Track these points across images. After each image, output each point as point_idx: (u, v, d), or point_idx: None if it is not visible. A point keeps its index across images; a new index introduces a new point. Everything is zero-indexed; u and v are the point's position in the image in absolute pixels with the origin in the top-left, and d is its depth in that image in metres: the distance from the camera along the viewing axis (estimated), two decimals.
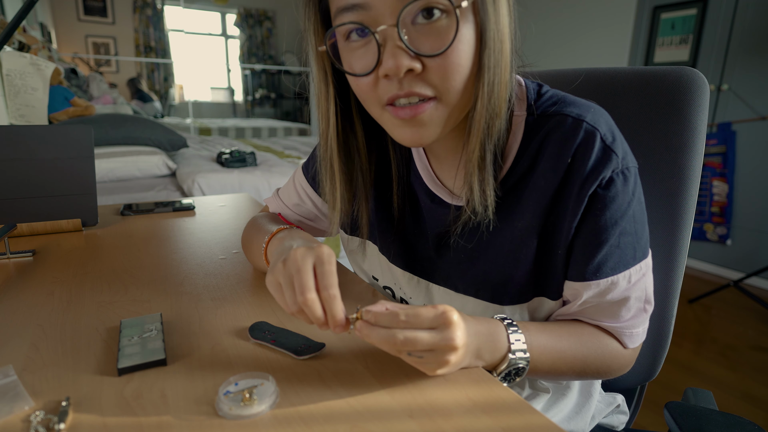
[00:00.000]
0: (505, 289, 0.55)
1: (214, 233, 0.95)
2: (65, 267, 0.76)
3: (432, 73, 0.46)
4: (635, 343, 0.56)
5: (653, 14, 2.96)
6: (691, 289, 2.58)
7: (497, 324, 0.49)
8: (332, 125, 0.55)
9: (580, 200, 0.49)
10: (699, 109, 0.64)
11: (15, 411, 0.40)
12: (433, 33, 0.44)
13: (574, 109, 0.51)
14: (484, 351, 0.47)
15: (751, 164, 2.63)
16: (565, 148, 0.50)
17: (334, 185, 0.58)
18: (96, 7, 6.00)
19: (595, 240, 0.50)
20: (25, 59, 1.44)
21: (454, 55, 0.45)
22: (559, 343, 0.52)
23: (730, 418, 0.50)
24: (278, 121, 6.56)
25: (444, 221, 0.58)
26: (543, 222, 0.52)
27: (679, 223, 0.67)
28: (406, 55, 0.44)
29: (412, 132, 0.49)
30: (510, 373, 0.50)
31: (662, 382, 1.74)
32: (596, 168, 0.49)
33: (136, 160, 2.18)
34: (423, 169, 0.62)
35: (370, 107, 0.51)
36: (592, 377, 0.57)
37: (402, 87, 0.46)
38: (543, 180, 0.51)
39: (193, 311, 0.61)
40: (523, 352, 0.49)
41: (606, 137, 0.49)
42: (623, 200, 0.50)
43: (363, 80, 0.48)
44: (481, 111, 0.48)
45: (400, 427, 0.40)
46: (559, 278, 0.54)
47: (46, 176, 0.92)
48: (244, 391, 0.42)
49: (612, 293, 0.52)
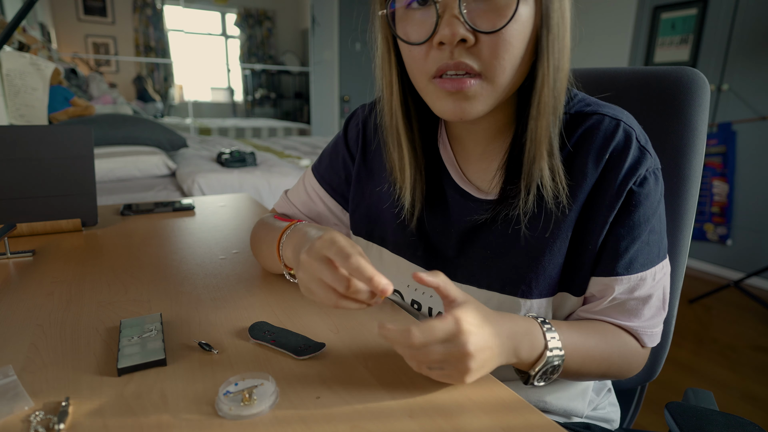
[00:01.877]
0: (536, 282, 0.55)
1: (214, 233, 0.95)
2: (65, 267, 0.76)
3: (483, 48, 0.47)
4: (654, 342, 0.57)
5: (653, 14, 2.96)
6: (691, 289, 2.59)
7: (532, 322, 0.50)
8: (395, 92, 0.57)
9: (618, 196, 0.51)
10: (699, 109, 0.64)
11: (15, 411, 0.40)
12: (492, 10, 0.46)
13: (609, 111, 0.54)
14: (521, 349, 0.48)
15: (751, 164, 2.63)
16: (605, 145, 0.52)
17: (401, 154, 0.59)
18: (96, 7, 6.00)
19: (629, 236, 0.52)
20: (25, 59, 1.44)
21: (508, 35, 0.46)
22: (587, 342, 0.53)
23: (730, 419, 0.50)
24: (278, 121, 6.56)
25: (474, 217, 0.58)
26: (578, 216, 0.54)
27: (679, 223, 0.67)
28: (462, 26, 0.46)
29: (455, 105, 0.50)
30: (546, 372, 0.50)
31: (662, 382, 1.74)
32: (634, 166, 0.51)
33: (136, 160, 2.18)
34: (450, 163, 0.62)
35: (417, 78, 0.52)
36: (613, 377, 0.57)
37: (453, 56, 0.47)
38: (581, 175, 0.53)
39: (193, 311, 0.61)
40: (559, 350, 0.49)
41: (640, 138, 0.53)
42: (654, 198, 0.52)
43: (416, 49, 0.50)
44: (547, 94, 0.50)
45: (400, 427, 0.40)
46: (585, 274, 0.55)
47: (46, 176, 0.92)
48: (244, 391, 0.42)
49: (639, 290, 0.54)
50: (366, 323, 0.58)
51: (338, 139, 0.73)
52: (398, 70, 0.56)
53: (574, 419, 0.64)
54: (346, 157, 0.71)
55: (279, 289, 0.67)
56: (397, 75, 0.56)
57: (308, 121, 6.48)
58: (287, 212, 0.78)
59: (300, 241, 0.52)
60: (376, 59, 0.57)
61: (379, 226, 0.67)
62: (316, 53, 5.03)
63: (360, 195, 0.69)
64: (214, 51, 7.15)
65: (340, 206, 0.73)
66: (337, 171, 0.72)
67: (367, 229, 0.69)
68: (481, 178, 0.60)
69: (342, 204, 0.73)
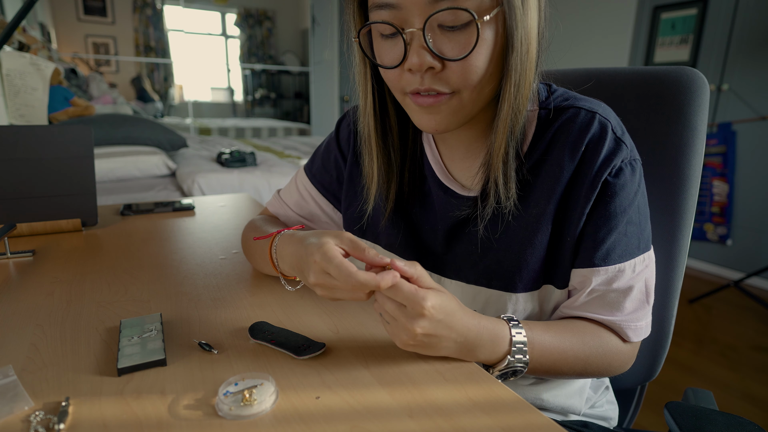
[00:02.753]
0: (519, 276, 0.56)
1: (214, 233, 0.95)
2: (65, 267, 0.76)
3: (451, 73, 0.49)
4: (639, 336, 0.57)
5: (653, 14, 2.96)
6: (691, 289, 2.58)
7: (503, 326, 0.51)
8: (369, 103, 0.59)
9: (593, 187, 0.52)
10: (699, 109, 0.64)
11: (15, 411, 0.40)
12: (455, 38, 0.48)
13: (586, 104, 0.55)
14: (479, 352, 0.49)
15: (751, 164, 2.63)
16: (580, 137, 0.53)
17: (371, 159, 0.62)
18: (96, 7, 6.00)
19: (605, 226, 0.53)
20: (24, 59, 1.44)
21: (474, 59, 0.48)
22: (562, 344, 0.53)
23: (730, 418, 0.50)
24: (278, 121, 6.56)
25: (456, 213, 0.60)
26: (556, 208, 0.55)
27: (679, 223, 0.67)
28: (429, 55, 0.48)
29: (430, 118, 0.53)
30: (507, 373, 0.51)
31: (662, 382, 1.74)
32: (608, 157, 0.52)
33: (136, 160, 2.18)
34: (435, 162, 0.63)
35: (396, 93, 0.55)
36: (593, 376, 0.57)
37: (423, 82, 0.50)
38: (558, 168, 0.54)
39: (193, 311, 0.61)
40: (523, 355, 0.50)
41: (616, 130, 0.54)
42: (630, 190, 0.53)
43: (390, 71, 0.52)
44: (507, 111, 0.51)
45: (400, 427, 0.40)
46: (566, 266, 0.56)
47: (46, 176, 0.92)
48: (244, 391, 0.42)
49: (618, 281, 0.54)
50: (366, 323, 0.58)
51: (330, 140, 0.74)
52: (373, 82, 0.58)
53: (571, 417, 0.64)
54: (337, 157, 0.72)
55: (279, 289, 0.67)
56: (372, 86, 0.58)
57: (308, 121, 6.49)
58: (279, 212, 0.79)
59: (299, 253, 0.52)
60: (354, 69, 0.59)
61: (372, 224, 0.68)
62: (316, 53, 5.02)
63: (353, 194, 0.70)
64: (214, 51, 7.15)
65: (332, 205, 0.75)
66: (329, 171, 0.74)
67: (360, 228, 0.70)
68: (465, 176, 0.61)
69: (334, 203, 0.75)
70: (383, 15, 0.49)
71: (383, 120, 0.61)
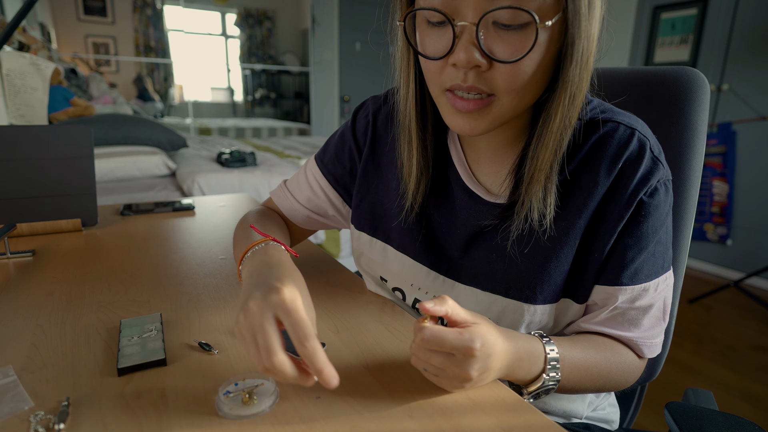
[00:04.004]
0: (540, 288, 0.55)
1: (214, 233, 0.95)
2: (65, 267, 0.76)
3: (497, 74, 0.46)
4: (653, 353, 0.57)
5: (653, 14, 2.96)
6: (691, 289, 2.58)
7: (538, 345, 0.49)
8: (411, 91, 0.56)
9: (628, 206, 0.51)
10: (699, 109, 0.64)
11: (15, 411, 0.40)
12: (509, 39, 0.45)
13: (624, 119, 0.53)
14: (519, 371, 0.48)
15: (751, 164, 2.63)
16: (618, 154, 0.52)
17: (411, 151, 0.59)
18: (96, 7, 6.00)
19: (636, 246, 0.52)
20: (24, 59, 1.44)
21: (525, 64, 0.45)
22: (588, 361, 0.53)
23: (730, 418, 0.50)
24: (278, 121, 6.56)
25: (481, 221, 0.58)
26: (587, 224, 0.53)
27: (679, 223, 0.67)
28: (478, 52, 0.45)
29: (464, 122, 0.50)
30: (539, 394, 0.50)
31: (662, 382, 1.74)
32: (645, 176, 0.51)
33: (135, 160, 2.18)
34: (460, 165, 0.61)
35: (431, 87, 0.52)
36: (608, 390, 0.57)
37: (466, 79, 0.47)
38: (592, 182, 0.52)
39: (193, 311, 0.61)
40: (556, 373, 0.49)
41: (654, 149, 0.52)
42: (663, 210, 0.52)
43: (432, 62, 0.49)
44: (559, 124, 0.49)
45: (400, 427, 0.40)
46: (590, 282, 0.55)
47: (46, 176, 0.92)
48: (244, 391, 0.42)
49: (641, 300, 0.54)
50: (366, 323, 0.58)
51: (345, 130, 0.71)
52: (416, 70, 0.55)
53: (573, 420, 0.64)
54: (352, 148, 0.69)
55: None
56: (415, 75, 0.55)
57: (308, 121, 6.48)
58: (284, 203, 0.74)
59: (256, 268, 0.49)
60: (396, 52, 0.56)
61: (384, 222, 0.66)
62: (316, 53, 5.02)
63: (365, 188, 0.68)
64: (214, 51, 7.15)
65: (341, 198, 0.71)
66: (342, 162, 0.70)
67: (371, 225, 0.67)
68: (491, 181, 0.59)
69: (343, 196, 0.71)
70: (435, 2, 0.46)
71: (423, 110, 0.58)
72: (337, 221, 0.74)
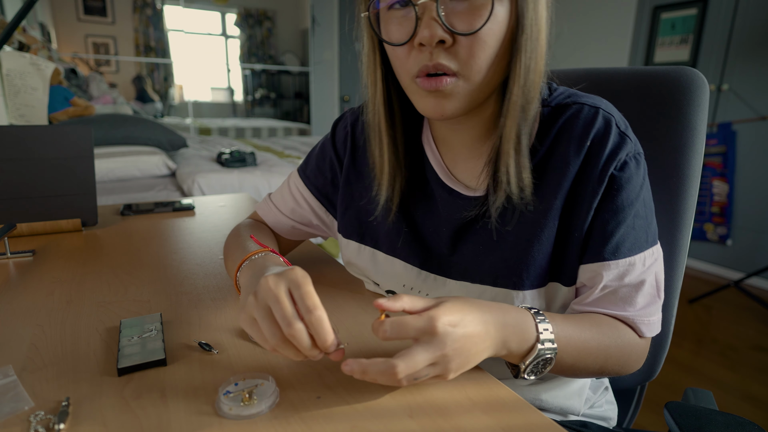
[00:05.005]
0: (527, 273, 0.56)
1: (214, 233, 0.95)
2: (65, 267, 0.76)
3: (461, 49, 0.49)
4: (652, 332, 0.57)
5: (653, 14, 2.96)
6: (691, 289, 2.58)
7: (525, 313, 0.49)
8: (379, 90, 0.58)
9: (600, 182, 0.53)
10: (699, 109, 0.64)
11: (15, 411, 0.40)
12: (469, 11, 0.48)
13: (588, 99, 0.56)
14: (511, 341, 0.47)
15: (751, 164, 2.63)
16: (585, 132, 0.53)
17: (382, 150, 0.60)
18: (96, 7, 6.00)
19: (613, 220, 0.53)
20: (24, 59, 1.44)
21: (484, 35, 0.48)
22: (583, 334, 0.52)
23: (730, 418, 0.50)
24: (278, 121, 6.56)
25: (464, 214, 0.59)
26: (563, 204, 0.55)
27: (679, 223, 0.67)
28: (440, 28, 0.48)
29: (435, 103, 0.52)
30: (537, 365, 0.49)
31: (662, 382, 1.74)
32: (614, 151, 0.52)
33: (136, 160, 2.18)
34: (436, 163, 0.62)
35: (401, 76, 0.54)
36: (612, 373, 0.56)
37: (431, 58, 0.49)
38: (564, 163, 0.54)
39: (193, 311, 0.61)
40: (551, 342, 0.48)
41: (620, 124, 0.54)
42: (636, 183, 0.53)
43: (398, 49, 0.52)
44: (517, 92, 0.51)
45: (400, 427, 0.40)
46: (574, 262, 0.55)
47: (46, 176, 0.92)
48: (244, 391, 0.42)
49: (629, 276, 0.54)
50: (366, 323, 0.59)
51: (326, 142, 0.73)
52: (383, 69, 0.57)
53: (570, 417, 0.64)
54: (333, 159, 0.71)
55: None
56: (382, 73, 0.57)
57: (308, 121, 6.48)
58: (268, 215, 0.76)
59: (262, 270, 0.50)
60: (362, 57, 0.58)
61: (371, 229, 0.67)
62: (316, 53, 5.02)
63: (350, 197, 0.69)
64: (214, 51, 7.15)
65: (324, 208, 0.73)
66: (323, 172, 0.72)
67: (359, 232, 0.68)
68: (468, 177, 0.61)
69: (326, 206, 0.73)
70: None
71: (391, 110, 0.60)
72: (321, 230, 0.76)
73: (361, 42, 0.57)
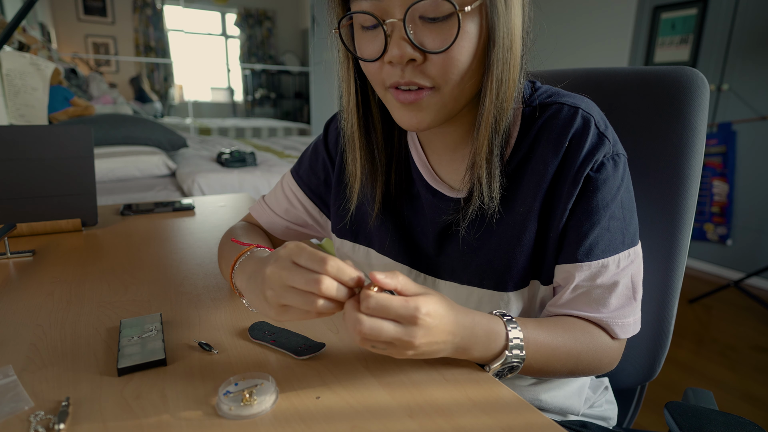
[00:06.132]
0: (509, 274, 0.56)
1: (214, 233, 0.95)
2: (65, 267, 0.76)
3: (432, 66, 0.48)
4: (627, 333, 0.57)
5: (653, 14, 2.96)
6: (691, 289, 2.58)
7: (497, 321, 0.49)
8: (352, 99, 0.58)
9: (575, 183, 0.52)
10: (699, 109, 0.64)
11: (15, 411, 0.40)
12: (437, 30, 0.47)
13: (569, 99, 0.55)
14: (473, 350, 0.47)
15: (751, 164, 2.63)
16: (563, 132, 0.53)
17: (355, 157, 0.61)
18: (96, 7, 6.00)
19: (588, 221, 0.53)
20: (24, 59, 1.44)
21: (455, 52, 0.47)
22: (554, 340, 0.52)
23: (730, 418, 0.50)
24: (278, 121, 6.56)
25: (446, 215, 0.59)
26: (542, 204, 0.55)
27: (679, 223, 0.67)
28: (410, 46, 0.47)
29: (411, 116, 0.52)
30: (503, 370, 0.50)
31: (662, 382, 1.74)
32: (591, 152, 0.52)
33: (136, 160, 2.18)
34: (422, 165, 0.63)
35: (376, 87, 0.55)
36: (583, 374, 0.57)
37: (403, 75, 0.49)
38: (542, 164, 0.54)
39: (193, 311, 0.61)
40: (520, 350, 0.49)
41: (599, 124, 0.53)
42: (613, 184, 0.53)
43: (371, 64, 0.52)
44: (489, 107, 0.51)
45: (400, 427, 0.40)
46: (551, 262, 0.56)
47: (46, 176, 0.92)
48: (244, 391, 0.42)
49: (602, 277, 0.54)
50: None
51: (318, 142, 0.74)
52: (356, 79, 0.57)
53: (570, 417, 0.64)
54: (325, 159, 0.72)
55: None
56: (355, 84, 0.57)
57: (308, 121, 6.48)
58: (262, 217, 0.77)
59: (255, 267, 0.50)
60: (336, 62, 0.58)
61: (364, 228, 0.68)
62: (316, 53, 5.02)
63: (342, 197, 0.69)
64: (214, 51, 7.15)
65: (317, 208, 0.74)
66: (316, 173, 0.73)
67: (353, 231, 0.69)
68: (453, 178, 0.61)
69: (319, 206, 0.74)
70: (364, 5, 0.48)
71: (366, 117, 0.60)
72: (315, 230, 0.77)
73: (335, 53, 0.57)
